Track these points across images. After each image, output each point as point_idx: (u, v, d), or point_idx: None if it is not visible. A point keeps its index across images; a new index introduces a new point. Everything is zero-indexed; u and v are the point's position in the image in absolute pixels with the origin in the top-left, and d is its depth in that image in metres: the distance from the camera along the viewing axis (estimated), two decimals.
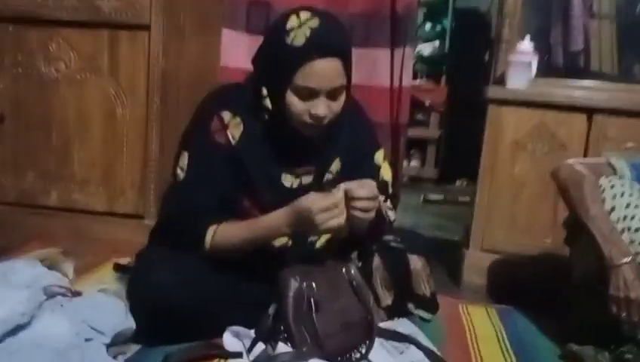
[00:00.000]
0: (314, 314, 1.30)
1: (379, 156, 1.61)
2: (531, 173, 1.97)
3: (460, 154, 4.05)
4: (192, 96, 1.78)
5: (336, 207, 1.29)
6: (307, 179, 1.47)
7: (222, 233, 1.38)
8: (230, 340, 1.38)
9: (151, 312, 1.32)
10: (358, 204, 1.31)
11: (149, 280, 1.34)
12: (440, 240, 2.64)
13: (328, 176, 1.50)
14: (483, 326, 1.69)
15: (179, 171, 1.44)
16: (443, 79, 4.36)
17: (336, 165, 1.50)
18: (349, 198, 1.32)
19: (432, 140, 4.36)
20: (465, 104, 3.79)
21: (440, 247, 2.41)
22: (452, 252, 2.23)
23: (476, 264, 2.02)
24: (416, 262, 1.59)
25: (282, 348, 1.28)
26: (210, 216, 1.40)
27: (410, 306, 1.63)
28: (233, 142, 1.41)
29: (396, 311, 1.60)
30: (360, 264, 1.56)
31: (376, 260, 1.57)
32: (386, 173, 1.62)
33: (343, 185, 1.32)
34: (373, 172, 1.57)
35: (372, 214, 1.35)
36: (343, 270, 1.43)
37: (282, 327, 1.31)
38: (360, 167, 1.54)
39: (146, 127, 2.03)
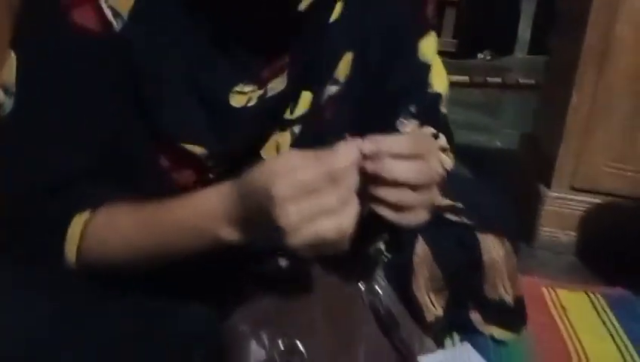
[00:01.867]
0: None
1: (427, 45, 0.82)
2: None
3: (484, 19, 3.34)
4: None
5: (333, 183, 0.53)
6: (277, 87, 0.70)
7: (100, 229, 0.66)
8: None
9: None
10: (391, 196, 0.56)
11: None
12: (481, 151, 1.90)
13: (330, 90, 0.73)
14: (592, 332, 1.00)
15: (0, 94, 0.66)
16: None
17: (345, 66, 0.73)
18: (371, 175, 0.56)
19: (451, 2, 3.50)
20: None
21: (487, 163, 1.66)
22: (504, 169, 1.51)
23: (563, 211, 1.29)
24: (494, 248, 0.86)
25: None
26: (74, 192, 0.66)
27: (476, 319, 0.93)
28: (117, 25, 0.64)
29: (450, 327, 0.92)
30: (390, 257, 0.85)
31: (421, 248, 0.84)
32: (440, 79, 0.84)
33: (363, 141, 0.56)
34: (420, 79, 0.81)
35: (423, 216, 0.60)
36: (362, 289, 0.73)
37: None
38: (393, 69, 0.78)
39: None
